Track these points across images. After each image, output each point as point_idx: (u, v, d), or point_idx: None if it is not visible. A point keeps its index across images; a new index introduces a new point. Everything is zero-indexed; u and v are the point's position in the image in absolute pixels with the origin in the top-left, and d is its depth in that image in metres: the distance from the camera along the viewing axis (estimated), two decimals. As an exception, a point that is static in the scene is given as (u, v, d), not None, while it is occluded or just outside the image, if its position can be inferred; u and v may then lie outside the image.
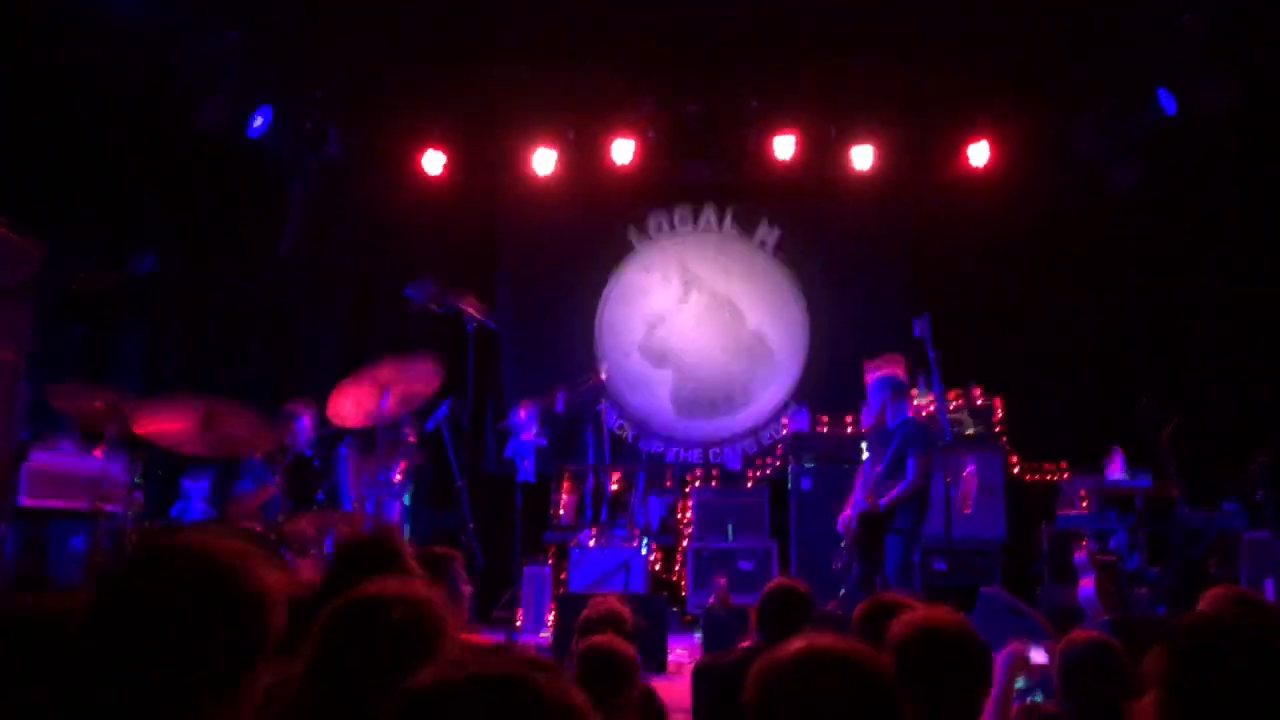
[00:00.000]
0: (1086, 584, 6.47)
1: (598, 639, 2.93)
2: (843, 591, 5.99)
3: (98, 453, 5.71)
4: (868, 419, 8.16)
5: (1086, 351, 8.75)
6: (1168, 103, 7.55)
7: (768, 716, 1.39)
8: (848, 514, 6.12)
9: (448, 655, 1.76)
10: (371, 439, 5.83)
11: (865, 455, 6.40)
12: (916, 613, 2.23)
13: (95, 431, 5.35)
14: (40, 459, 5.77)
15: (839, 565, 6.09)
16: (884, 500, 5.88)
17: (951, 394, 7.70)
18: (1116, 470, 7.01)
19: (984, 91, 8.33)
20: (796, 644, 1.44)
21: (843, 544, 6.07)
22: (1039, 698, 4.42)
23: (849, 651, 1.42)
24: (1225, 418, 7.91)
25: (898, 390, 6.15)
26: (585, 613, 3.54)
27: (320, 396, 5.81)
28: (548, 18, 7.62)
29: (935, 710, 2.00)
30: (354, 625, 1.73)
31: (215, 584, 1.42)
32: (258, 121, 8.01)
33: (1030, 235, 8.75)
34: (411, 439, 6.42)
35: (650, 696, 3.14)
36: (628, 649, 2.88)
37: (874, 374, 6.27)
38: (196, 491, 7.01)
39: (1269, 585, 6.42)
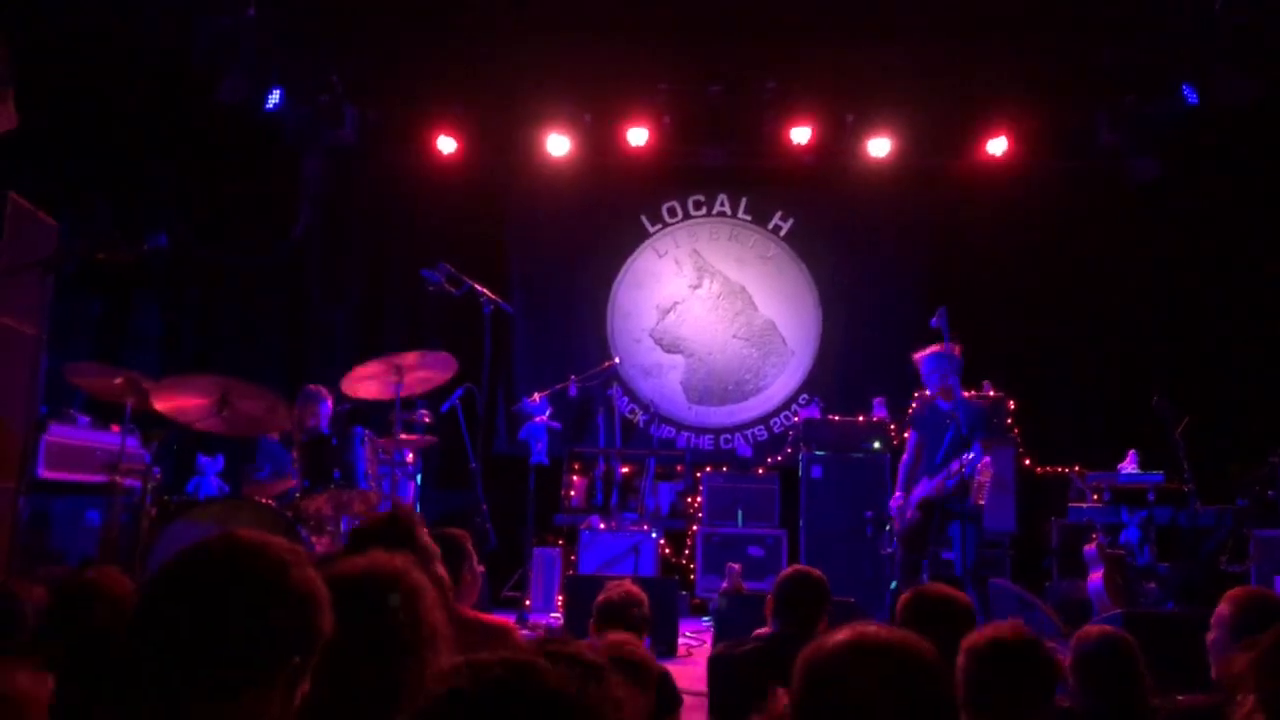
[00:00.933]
0: (1095, 578, 6.48)
1: (615, 638, 2.92)
2: (894, 585, 5.86)
3: (115, 428, 5.75)
4: (879, 411, 8.18)
5: (1102, 347, 8.74)
6: (1190, 95, 7.49)
7: (815, 707, 1.35)
8: (898, 499, 5.94)
9: (432, 629, 1.79)
10: (387, 419, 5.87)
11: (908, 439, 6.17)
12: (988, 629, 2.22)
13: (113, 407, 5.39)
14: (58, 433, 5.82)
15: (888, 550, 5.99)
16: (971, 474, 5.57)
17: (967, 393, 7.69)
18: (1129, 466, 7.01)
19: (1003, 82, 8.27)
20: (843, 633, 1.40)
21: (889, 527, 5.91)
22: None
23: (899, 640, 1.38)
24: (1239, 415, 7.90)
25: (956, 368, 5.82)
26: (602, 595, 3.55)
27: (334, 376, 5.84)
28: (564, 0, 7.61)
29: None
30: (335, 601, 1.74)
31: (267, 583, 1.41)
32: (273, 99, 8.02)
33: (1048, 229, 8.73)
34: (426, 419, 6.45)
35: (666, 680, 3.16)
36: (645, 651, 2.90)
37: (927, 352, 5.98)
38: (212, 468, 7.07)
39: (1278, 582, 6.42)
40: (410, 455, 6.30)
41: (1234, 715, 1.71)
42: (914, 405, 6.22)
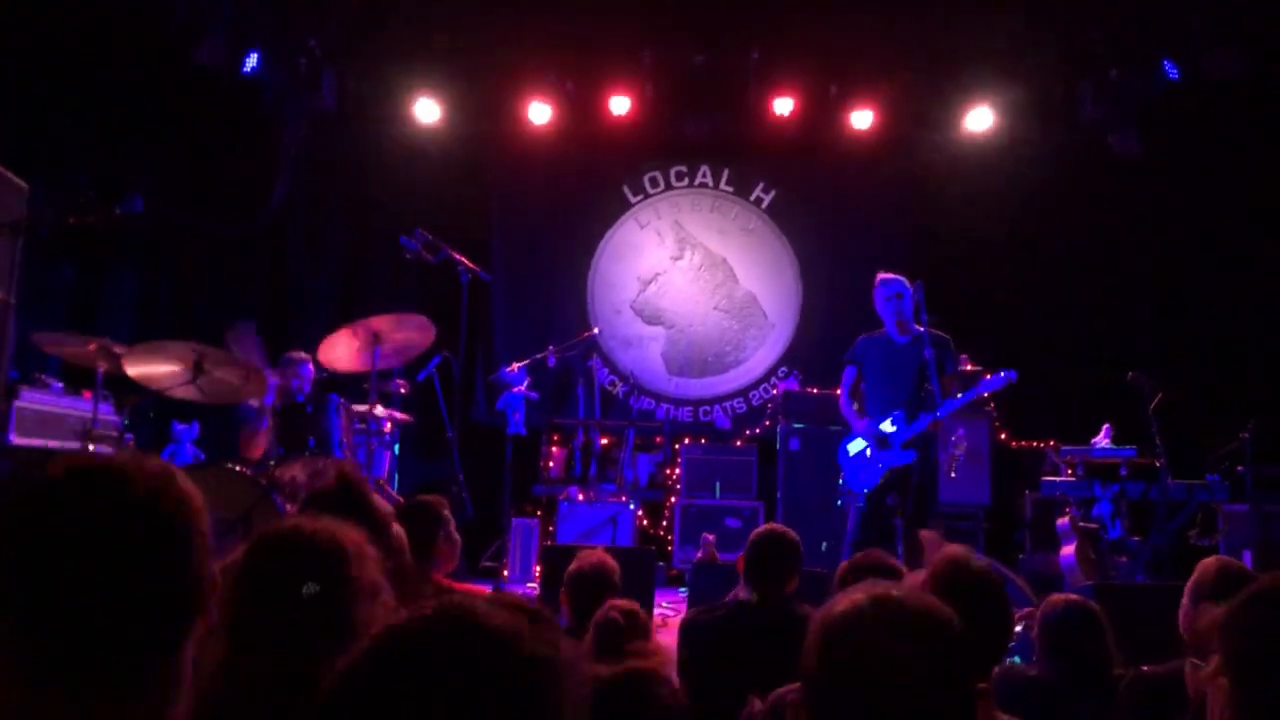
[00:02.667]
0: (1068, 551, 6.55)
1: (616, 603, 2.91)
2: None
3: (87, 395, 5.70)
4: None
5: (1081, 322, 8.78)
6: (1171, 70, 7.49)
7: (834, 674, 1.27)
8: (866, 425, 5.54)
9: (364, 594, 1.75)
10: (362, 388, 5.84)
11: (844, 375, 5.81)
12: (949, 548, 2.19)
13: (87, 373, 5.34)
14: (30, 399, 5.76)
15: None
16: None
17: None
18: (1103, 441, 7.07)
19: (986, 55, 8.26)
20: (855, 595, 1.32)
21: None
22: (1017, 660, 4.50)
23: (918, 601, 1.31)
24: (1213, 392, 7.97)
25: (917, 299, 5.44)
26: (574, 564, 3.55)
27: (314, 343, 5.80)
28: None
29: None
30: (261, 569, 1.73)
31: (139, 510, 1.19)
32: (250, 62, 7.91)
33: (1029, 202, 8.73)
34: (403, 389, 6.42)
35: (633, 615, 3.14)
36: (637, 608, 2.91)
37: (878, 280, 5.69)
38: (187, 435, 7.03)
39: (1247, 556, 6.51)
40: (388, 425, 6.28)
41: (1199, 675, 1.71)
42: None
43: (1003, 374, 5.40)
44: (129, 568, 1.17)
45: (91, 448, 5.33)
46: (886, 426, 5.51)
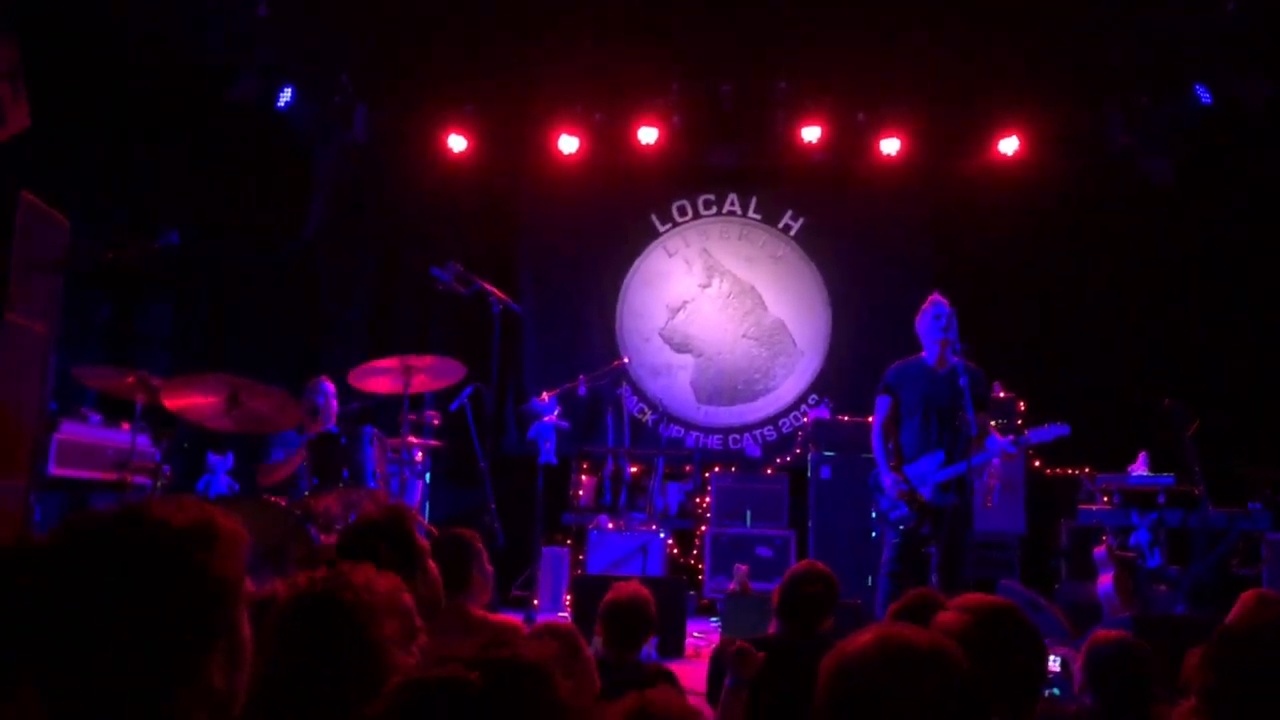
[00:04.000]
0: (1105, 580, 6.45)
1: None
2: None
3: (125, 426, 5.78)
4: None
5: (1114, 349, 8.69)
6: (1204, 95, 7.45)
7: (843, 715, 1.29)
8: (892, 480, 5.40)
9: (403, 640, 1.78)
10: (395, 420, 5.88)
11: (877, 404, 5.64)
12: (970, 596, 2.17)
13: (124, 405, 5.41)
14: (69, 430, 5.85)
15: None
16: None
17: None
18: (1140, 468, 6.98)
19: (1015, 81, 8.24)
20: (868, 635, 1.33)
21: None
22: (1057, 692, 4.43)
23: (928, 643, 1.32)
24: (1252, 418, 7.85)
25: (951, 323, 5.32)
26: (610, 596, 3.54)
27: (345, 374, 5.87)
28: (575, -1, 7.61)
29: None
30: (303, 620, 1.75)
31: (161, 562, 1.20)
32: (284, 97, 8.05)
33: (1059, 230, 8.69)
34: (435, 420, 6.46)
35: (669, 679, 3.16)
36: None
37: (935, 305, 5.48)
38: (222, 466, 7.10)
39: (1290, 586, 6.38)
40: (419, 454, 6.32)
41: (1175, 712, 1.68)
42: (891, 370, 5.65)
43: (1053, 426, 5.24)
44: (142, 608, 1.18)
45: (131, 478, 5.40)
46: (923, 467, 5.34)
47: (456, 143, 8.90)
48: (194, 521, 1.23)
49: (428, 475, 6.85)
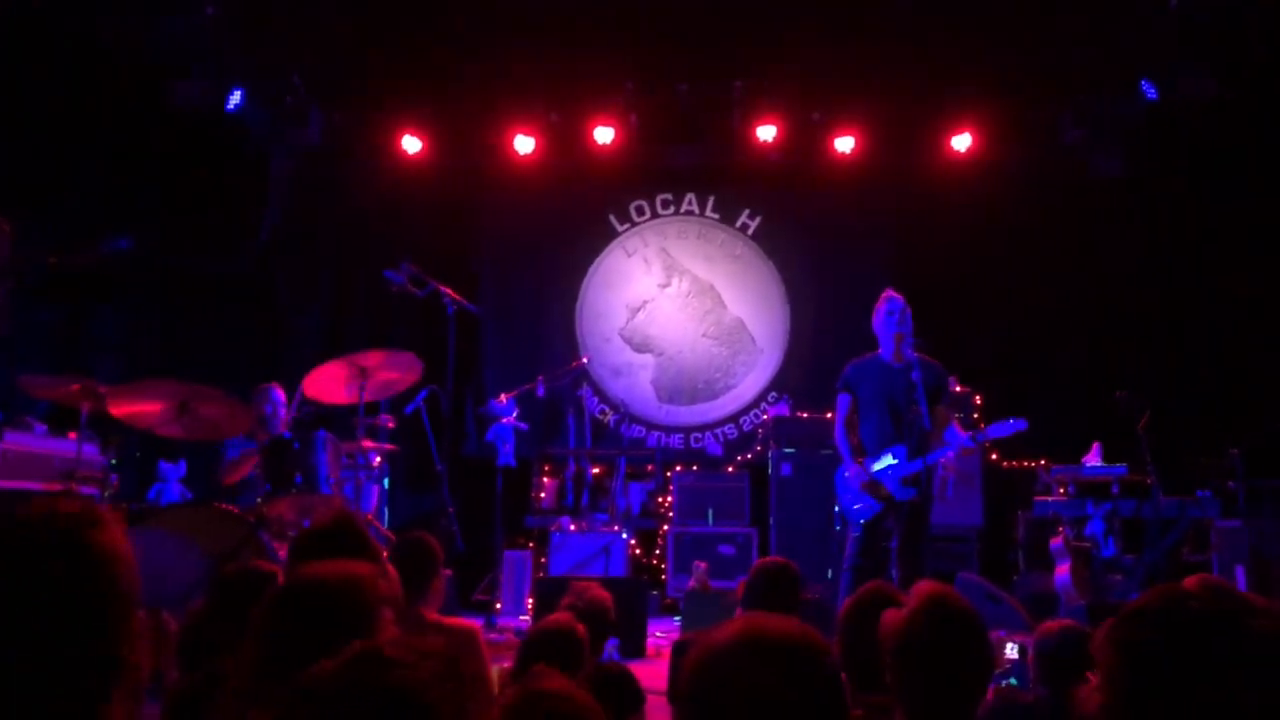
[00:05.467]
0: (1062, 570, 6.52)
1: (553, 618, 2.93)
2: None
3: (72, 435, 5.66)
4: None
5: (1068, 341, 8.80)
6: (1150, 91, 7.58)
7: (704, 707, 1.28)
8: (856, 471, 5.43)
9: (384, 635, 1.77)
10: (350, 423, 5.81)
11: (838, 402, 5.66)
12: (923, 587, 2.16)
13: (73, 414, 5.30)
14: (13, 440, 5.71)
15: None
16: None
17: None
18: (1093, 459, 7.08)
19: (967, 79, 8.32)
20: (733, 627, 1.32)
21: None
22: (1014, 681, 4.48)
23: (791, 635, 1.31)
24: (1201, 408, 7.99)
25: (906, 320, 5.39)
26: (568, 599, 3.52)
27: (298, 378, 5.79)
28: (530, -1, 7.58)
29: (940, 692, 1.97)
30: (293, 609, 1.72)
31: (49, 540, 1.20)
32: (234, 100, 7.93)
33: (1013, 224, 8.78)
34: (390, 424, 6.40)
35: (628, 679, 3.14)
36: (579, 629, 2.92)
37: (889, 301, 5.53)
38: (174, 474, 6.99)
39: (1240, 572, 6.50)
40: (376, 459, 6.25)
41: (1083, 693, 1.69)
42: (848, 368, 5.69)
43: (1011, 421, 5.28)
44: (38, 622, 1.16)
45: (77, 488, 5.30)
46: (884, 462, 5.38)
47: (412, 144, 8.83)
48: (79, 507, 1.25)
49: (386, 480, 6.78)
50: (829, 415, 8.18)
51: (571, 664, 2.86)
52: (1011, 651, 4.79)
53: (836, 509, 6.33)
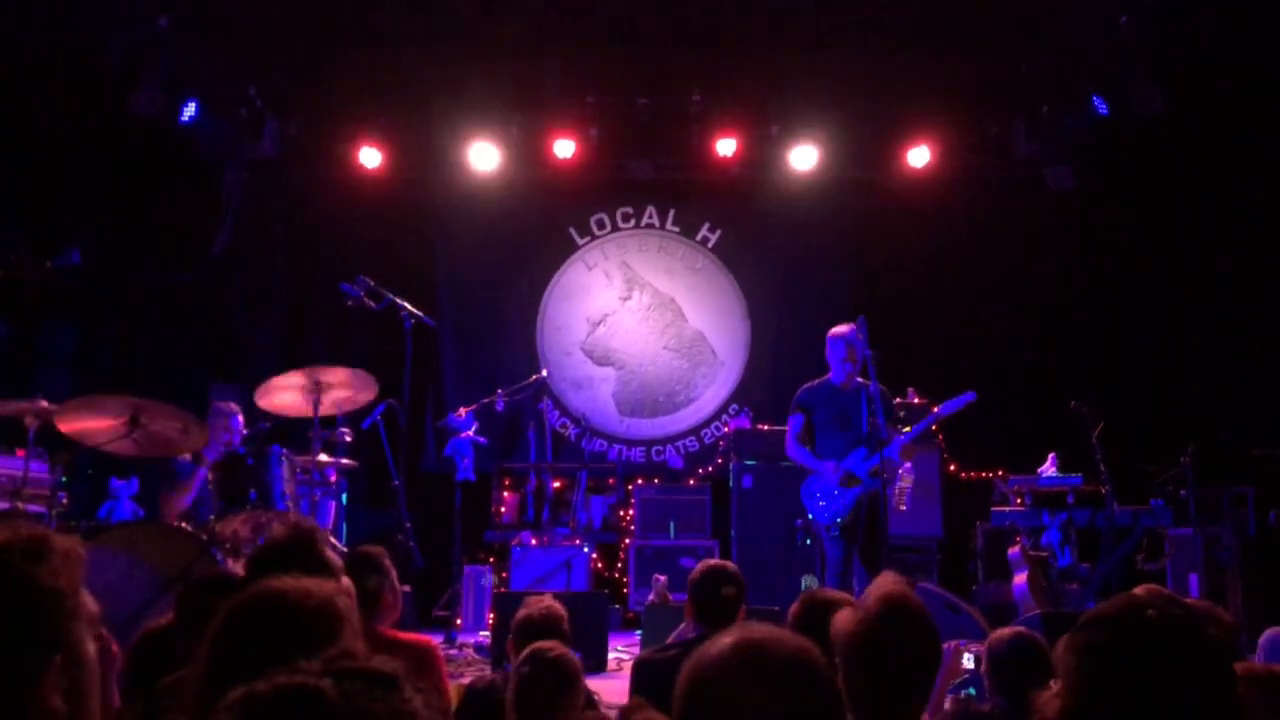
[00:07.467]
0: (1020, 580, 6.58)
1: (543, 645, 2.88)
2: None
3: (20, 452, 5.53)
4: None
5: (1023, 352, 8.91)
6: (1101, 106, 7.72)
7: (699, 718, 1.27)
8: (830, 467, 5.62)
9: (348, 649, 1.73)
10: (305, 437, 5.73)
11: (790, 422, 5.85)
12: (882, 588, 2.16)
13: (21, 431, 5.18)
14: (-42, 459, 5.57)
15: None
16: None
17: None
18: (1049, 470, 7.16)
19: (924, 93, 8.43)
20: (728, 638, 1.31)
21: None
22: (973, 692, 4.50)
23: (787, 645, 1.30)
24: (1153, 418, 8.12)
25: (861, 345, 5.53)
26: (521, 612, 3.48)
27: (251, 393, 5.70)
28: (489, 10, 7.56)
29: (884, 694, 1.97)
30: (251, 621, 1.68)
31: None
32: (188, 111, 7.81)
33: (969, 237, 8.90)
34: (348, 437, 6.31)
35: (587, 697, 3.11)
36: (571, 657, 2.86)
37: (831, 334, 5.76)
38: (125, 491, 6.85)
39: (1193, 579, 6.60)
40: (333, 475, 6.17)
41: (1039, 700, 1.71)
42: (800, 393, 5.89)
43: (962, 396, 5.53)
44: None
45: (24, 506, 5.17)
46: (850, 462, 5.61)
47: (370, 157, 8.75)
48: (24, 538, 1.19)
49: (344, 495, 6.69)
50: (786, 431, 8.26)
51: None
52: (969, 661, 4.81)
53: (800, 522, 6.39)
